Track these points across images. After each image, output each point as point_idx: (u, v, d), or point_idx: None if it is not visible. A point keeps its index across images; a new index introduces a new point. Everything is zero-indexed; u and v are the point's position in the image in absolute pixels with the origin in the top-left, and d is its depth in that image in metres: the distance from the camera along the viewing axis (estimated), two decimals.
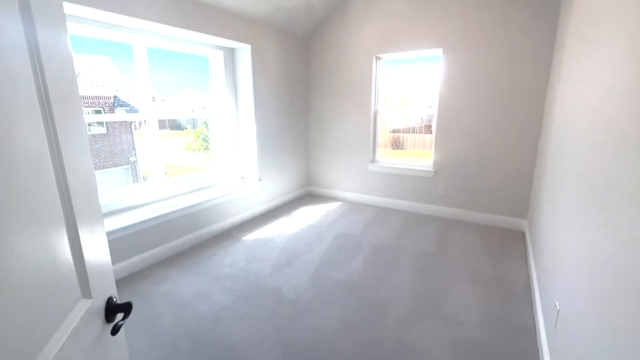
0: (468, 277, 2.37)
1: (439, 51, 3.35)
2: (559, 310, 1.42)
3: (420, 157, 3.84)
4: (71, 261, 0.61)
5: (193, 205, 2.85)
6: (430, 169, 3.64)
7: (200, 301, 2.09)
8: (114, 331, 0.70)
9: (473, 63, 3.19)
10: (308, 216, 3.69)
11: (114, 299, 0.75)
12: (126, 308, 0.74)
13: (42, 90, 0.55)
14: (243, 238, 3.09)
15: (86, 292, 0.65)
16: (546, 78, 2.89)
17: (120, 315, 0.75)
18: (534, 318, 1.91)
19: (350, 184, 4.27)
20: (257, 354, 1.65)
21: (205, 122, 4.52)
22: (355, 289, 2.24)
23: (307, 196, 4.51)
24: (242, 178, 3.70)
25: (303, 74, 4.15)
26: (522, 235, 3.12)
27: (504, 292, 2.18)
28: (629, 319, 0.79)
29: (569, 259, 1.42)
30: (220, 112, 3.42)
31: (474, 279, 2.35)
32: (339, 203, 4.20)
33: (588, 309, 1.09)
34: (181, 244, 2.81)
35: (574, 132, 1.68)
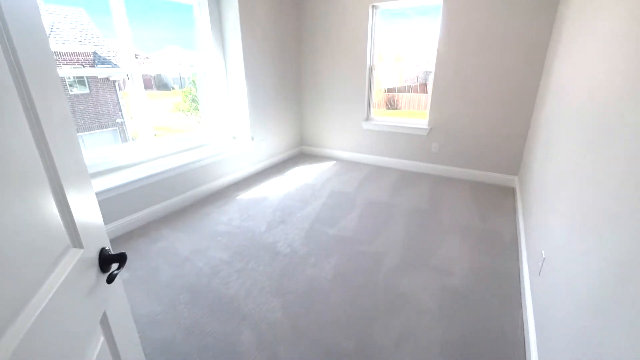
0: (458, 231, 2.45)
1: (439, 0, 3.14)
2: (544, 258, 1.49)
3: (415, 117, 3.78)
4: (56, 212, 0.59)
5: (185, 165, 2.81)
6: (425, 126, 3.59)
7: (197, 257, 2.14)
8: (110, 280, 0.70)
9: (474, 15, 3.01)
10: (302, 175, 3.69)
11: (108, 250, 0.75)
12: (120, 258, 0.74)
13: (4, 31, 0.48)
14: (237, 197, 3.09)
15: (76, 242, 0.64)
16: (549, 34, 2.76)
17: (115, 265, 0.75)
18: (519, 267, 2.01)
19: (344, 142, 4.22)
20: (255, 303, 1.72)
21: (193, 81, 4.31)
22: (349, 243, 2.30)
23: (301, 155, 4.48)
24: (234, 137, 3.61)
25: (294, 24, 3.89)
26: (513, 191, 3.18)
27: (492, 244, 2.27)
28: (609, 261, 0.81)
29: (557, 210, 1.45)
30: (207, 68, 3.24)
31: (464, 233, 2.42)
32: (333, 162, 4.18)
33: (571, 255, 1.13)
34: (175, 203, 2.81)
35: (572, 87, 1.63)
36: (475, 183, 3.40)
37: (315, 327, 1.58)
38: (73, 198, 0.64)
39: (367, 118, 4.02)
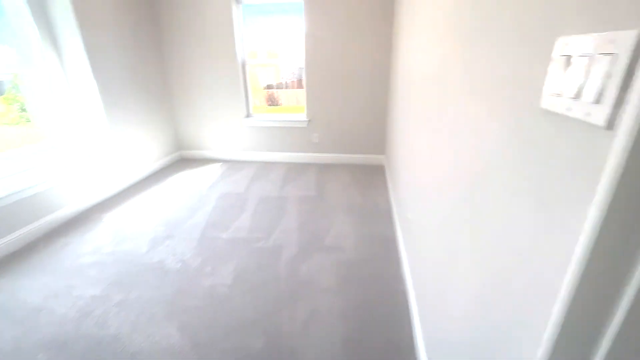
0: (344, 210, 2.70)
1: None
2: (410, 218, 1.79)
3: (295, 112, 3.95)
4: None
5: (19, 192, 2.18)
6: (305, 119, 3.78)
7: (55, 302, 1.71)
8: None
9: (332, 13, 3.30)
10: (185, 182, 3.38)
11: None
12: None
13: None
14: (106, 218, 2.61)
15: None
16: (391, 28, 3.27)
17: None
18: (394, 231, 2.36)
19: (228, 142, 4.06)
20: (145, 335, 1.51)
21: (16, 85, 3.41)
22: (246, 243, 2.25)
23: (182, 161, 4.09)
24: (89, 149, 3.00)
25: (150, 19, 3.45)
26: (383, 168, 3.70)
27: (372, 216, 2.60)
28: (444, 213, 1.05)
29: (412, 178, 1.76)
30: (36, 67, 2.56)
31: (349, 211, 2.69)
32: (219, 164, 3.98)
33: (423, 212, 1.40)
34: (14, 241, 2.16)
35: (411, 76, 1.99)
36: (353, 165, 3.80)
37: (220, 337, 1.49)
38: None
39: (248, 115, 3.95)
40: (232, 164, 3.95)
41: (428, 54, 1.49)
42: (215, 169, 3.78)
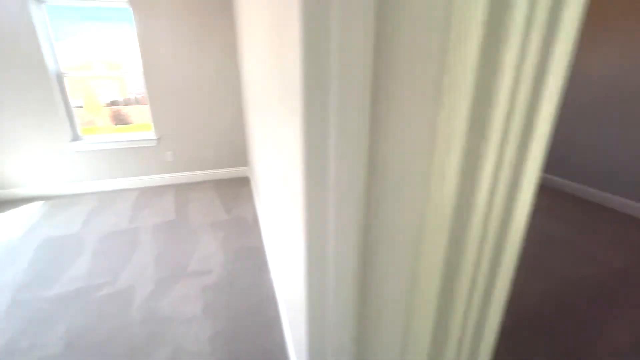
0: (209, 229, 2.55)
1: (126, 5, 2.94)
2: (271, 223, 1.83)
3: (149, 129, 3.45)
4: None
5: None
6: (153, 137, 3.39)
7: None
8: None
9: (169, 20, 3.06)
10: None
11: None
12: None
13: None
14: None
15: None
16: (234, 35, 3.28)
17: None
18: (261, 240, 2.38)
19: (48, 174, 3.23)
20: None
21: None
22: (84, 294, 1.83)
23: None
24: None
25: None
26: (248, 179, 3.69)
27: (240, 230, 2.54)
28: (281, 213, 1.12)
29: (269, 187, 1.82)
30: None
31: (214, 229, 2.55)
32: (39, 203, 3.12)
33: (273, 212, 1.46)
34: None
35: (252, 86, 2.05)
36: (217, 181, 3.64)
37: None
38: None
39: (75, 138, 3.25)
40: (60, 200, 3.16)
41: (258, 66, 1.56)
42: (32, 211, 2.94)
